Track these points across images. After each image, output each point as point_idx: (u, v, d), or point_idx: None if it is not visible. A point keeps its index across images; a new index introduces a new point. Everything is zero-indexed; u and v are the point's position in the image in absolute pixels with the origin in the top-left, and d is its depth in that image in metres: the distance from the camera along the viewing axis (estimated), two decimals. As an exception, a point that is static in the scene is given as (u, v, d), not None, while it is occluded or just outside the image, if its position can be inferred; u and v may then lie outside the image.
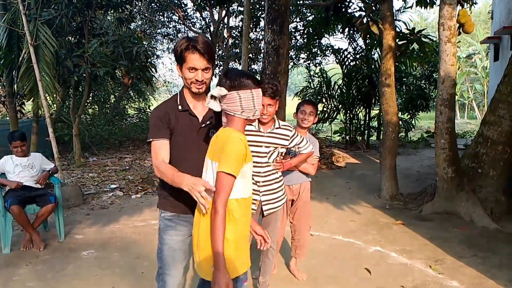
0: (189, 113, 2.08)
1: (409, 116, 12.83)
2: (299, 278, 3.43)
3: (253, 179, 2.81)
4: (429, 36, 7.06)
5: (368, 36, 7.84)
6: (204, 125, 2.10)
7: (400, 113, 13.27)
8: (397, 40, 6.13)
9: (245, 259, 1.96)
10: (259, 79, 1.90)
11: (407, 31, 6.60)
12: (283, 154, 2.97)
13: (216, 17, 15.29)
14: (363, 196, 6.20)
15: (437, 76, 12.74)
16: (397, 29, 8.95)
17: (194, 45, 1.97)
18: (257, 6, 12.25)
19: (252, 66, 15.98)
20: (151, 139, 2.06)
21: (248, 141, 2.78)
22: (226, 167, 1.79)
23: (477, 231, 4.67)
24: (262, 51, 6.64)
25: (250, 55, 15.15)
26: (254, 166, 2.80)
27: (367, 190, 6.57)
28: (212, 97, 1.87)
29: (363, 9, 6.09)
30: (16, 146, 4.17)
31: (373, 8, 6.03)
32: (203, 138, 2.09)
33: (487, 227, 4.74)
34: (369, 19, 5.58)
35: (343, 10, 7.97)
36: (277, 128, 2.82)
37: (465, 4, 4.94)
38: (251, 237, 3.09)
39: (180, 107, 2.08)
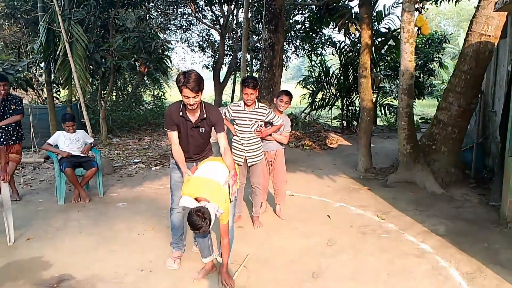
0: (185, 119, 3.32)
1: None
2: (282, 218, 4.76)
3: (239, 142, 4.19)
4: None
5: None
6: (195, 126, 3.36)
7: (397, 100, 14.28)
8: (377, 37, 7.20)
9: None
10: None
11: (385, 30, 7.64)
12: (262, 126, 4.33)
13: (226, 9, 16.38)
14: (344, 170, 7.40)
15: (431, 66, 13.78)
16: (386, 27, 10.02)
17: (186, 84, 3.09)
18: (261, 2, 13.30)
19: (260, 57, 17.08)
20: (167, 129, 3.35)
21: (237, 117, 4.15)
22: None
23: (427, 194, 5.85)
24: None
25: (258, 44, 16.25)
26: (240, 133, 4.18)
27: (349, 165, 7.76)
28: None
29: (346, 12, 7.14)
30: (69, 126, 5.51)
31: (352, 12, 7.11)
32: (194, 133, 3.38)
33: (435, 192, 5.90)
34: (348, 21, 6.67)
35: (335, 8, 9.03)
36: (256, 108, 4.20)
37: (422, 10, 5.99)
38: (243, 186, 4.48)
39: (181, 113, 3.30)
